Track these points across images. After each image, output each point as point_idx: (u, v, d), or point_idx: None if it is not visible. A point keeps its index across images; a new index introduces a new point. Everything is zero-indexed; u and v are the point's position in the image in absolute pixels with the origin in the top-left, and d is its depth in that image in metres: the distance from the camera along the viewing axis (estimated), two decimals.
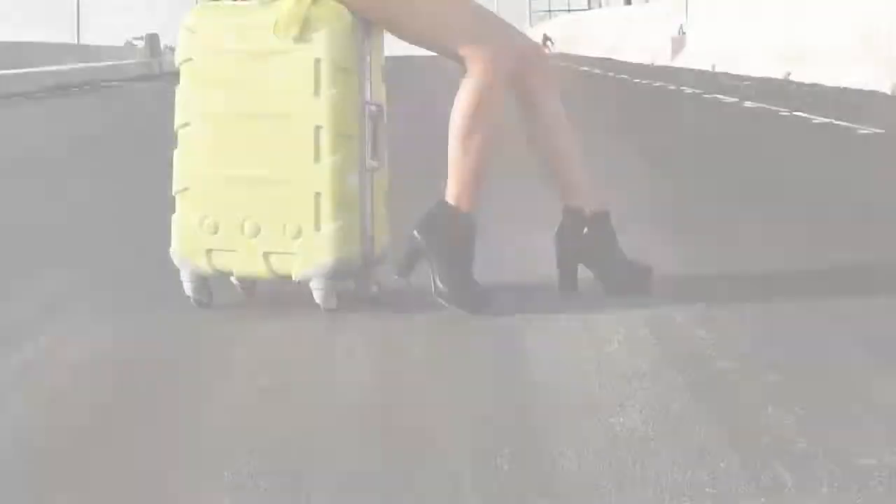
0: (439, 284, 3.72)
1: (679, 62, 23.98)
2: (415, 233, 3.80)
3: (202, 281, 3.85)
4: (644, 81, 18.71)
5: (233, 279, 3.92)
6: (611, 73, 22.72)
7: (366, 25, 3.82)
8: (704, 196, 6.09)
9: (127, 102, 17.60)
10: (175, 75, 3.90)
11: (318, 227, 3.68)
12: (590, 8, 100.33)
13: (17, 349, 3.42)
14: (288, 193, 3.70)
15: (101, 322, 3.73)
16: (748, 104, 12.67)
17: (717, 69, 20.53)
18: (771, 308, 3.68)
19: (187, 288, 3.85)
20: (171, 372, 3.19)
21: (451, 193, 3.77)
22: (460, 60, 3.80)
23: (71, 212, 6.03)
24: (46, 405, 2.91)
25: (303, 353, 3.33)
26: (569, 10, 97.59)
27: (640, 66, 25.76)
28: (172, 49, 38.33)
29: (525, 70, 3.86)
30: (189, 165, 3.81)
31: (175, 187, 3.83)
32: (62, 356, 3.35)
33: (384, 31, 3.91)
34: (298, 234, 3.69)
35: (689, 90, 15.73)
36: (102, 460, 2.50)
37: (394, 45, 4.09)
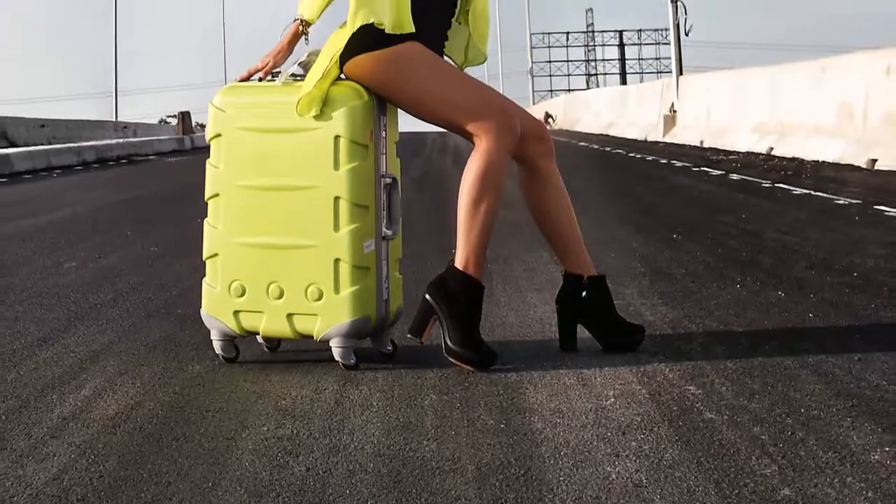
0: (449, 343, 3.74)
1: (670, 138, 24.01)
2: (427, 296, 3.82)
3: (230, 339, 3.87)
4: (638, 156, 18.74)
5: (258, 338, 3.94)
6: (607, 148, 22.75)
7: (381, 104, 3.85)
8: (692, 260, 6.09)
9: (160, 175, 17.64)
10: (205, 150, 3.92)
11: (337, 291, 3.70)
12: (588, 88, 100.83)
13: (59, 402, 3.44)
14: (310, 259, 3.71)
15: (136, 375, 3.73)
16: (734, 176, 12.68)
17: (706, 144, 20.56)
18: (754, 364, 3.68)
19: (216, 346, 3.87)
20: (201, 421, 3.18)
21: (460, 259, 3.78)
22: (468, 136, 3.82)
23: (107, 273, 6.05)
24: (84, 453, 2.92)
25: (322, 406, 3.32)
26: (568, 90, 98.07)
27: (634, 141, 25.80)
28: (203, 126, 38.48)
29: (528, 145, 3.88)
30: (218, 233, 3.83)
31: (205, 253, 3.85)
32: (99, 405, 3.36)
33: (398, 109, 3.94)
34: (319, 296, 3.71)
35: (679, 164, 15.75)
36: None
37: (407, 123, 4.10)
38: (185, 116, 38.04)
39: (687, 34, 26.23)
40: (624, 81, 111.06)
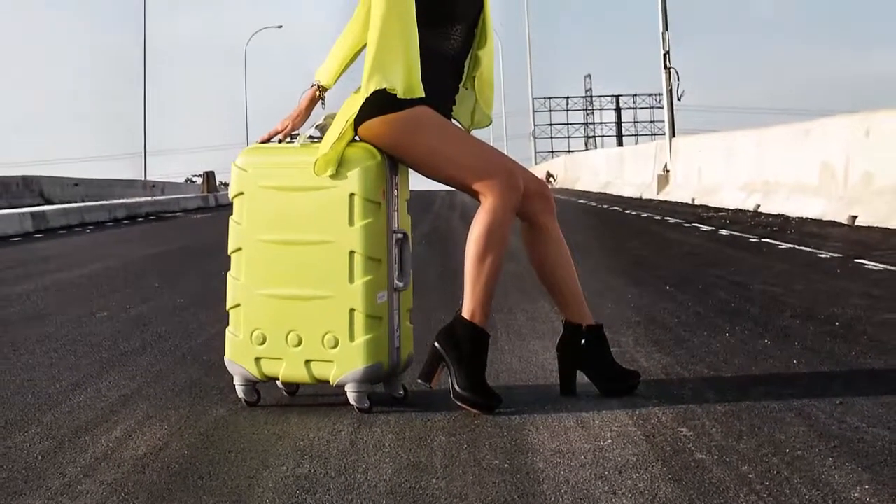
0: (457, 388, 3.74)
1: (664, 195, 24.03)
2: (436, 343, 3.83)
3: (252, 384, 3.88)
4: (633, 212, 18.75)
5: (278, 383, 3.95)
6: (605, 205, 22.76)
7: (393, 164, 3.87)
8: (684, 310, 6.09)
9: (186, 230, 17.67)
10: (228, 207, 3.94)
11: (352, 339, 3.70)
12: (587, 149, 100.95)
13: (92, 443, 3.44)
14: (326, 309, 3.72)
15: (164, 418, 3.74)
16: (723, 232, 12.68)
17: (697, 202, 20.57)
18: (742, 407, 3.68)
19: (239, 390, 3.88)
20: (224, 461, 3.19)
21: (467, 309, 3.79)
22: (475, 194, 3.84)
23: (137, 322, 6.05)
24: (115, 491, 2.93)
25: (338, 447, 3.33)
26: (569, 151, 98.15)
27: (630, 198, 25.82)
28: (226, 184, 38.55)
29: (531, 202, 3.90)
30: (241, 285, 3.84)
31: (229, 303, 3.87)
32: (130, 446, 3.37)
33: (409, 169, 3.96)
34: (335, 344, 3.72)
35: (672, 220, 15.75)
36: None
37: (417, 181, 4.12)
38: (209, 176, 38.15)
39: (679, 99, 26.31)
40: (620, 143, 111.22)
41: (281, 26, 78.82)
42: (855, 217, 12.90)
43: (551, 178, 48.20)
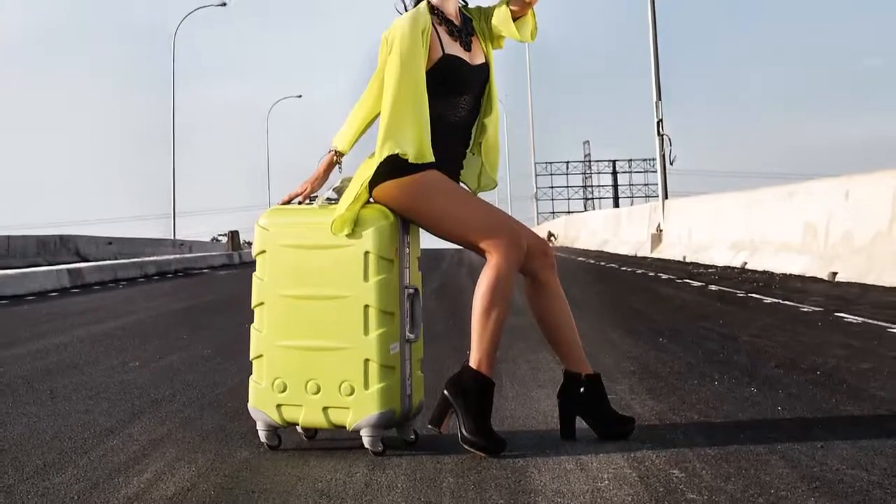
0: (464, 432, 3.74)
1: (657, 253, 24.02)
2: (445, 391, 3.84)
3: (273, 429, 3.88)
4: (629, 269, 18.74)
5: (298, 428, 3.95)
6: (602, 262, 22.76)
7: (405, 224, 3.89)
8: (676, 360, 6.08)
9: (213, 286, 17.68)
10: (252, 265, 3.96)
11: (367, 387, 3.71)
12: (585, 210, 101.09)
13: (125, 484, 3.45)
14: (343, 360, 3.73)
15: (191, 461, 3.74)
16: (712, 287, 12.67)
17: (688, 259, 20.57)
18: (730, 451, 3.68)
19: (261, 435, 3.89)
20: (248, 501, 3.19)
21: (474, 359, 3.80)
22: (481, 252, 3.86)
23: (166, 371, 6.05)
24: None
25: (354, 487, 3.33)
26: (568, 212, 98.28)
27: (626, 256, 25.82)
28: (249, 243, 38.55)
29: (533, 260, 3.91)
30: (263, 337, 3.85)
31: (252, 354, 3.88)
32: (160, 487, 3.37)
33: (419, 229, 3.98)
34: (351, 392, 3.72)
35: (664, 276, 15.74)
36: None
37: (427, 240, 4.15)
38: (234, 235, 38.20)
39: (672, 163, 26.35)
40: (617, 204, 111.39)
41: (300, 96, 79.32)
42: (835, 273, 12.89)
43: (552, 238, 48.20)
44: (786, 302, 10.13)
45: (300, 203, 3.96)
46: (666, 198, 25.99)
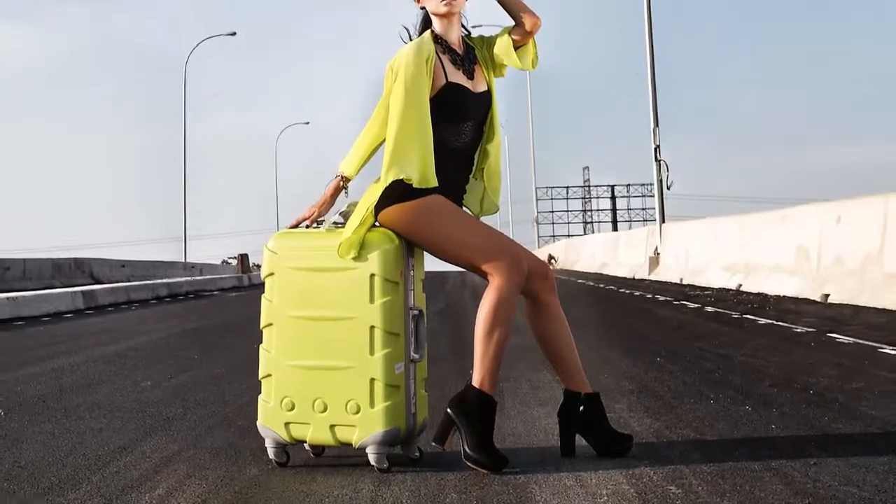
0: (467, 450, 3.75)
1: (654, 276, 24.01)
2: (448, 409, 3.84)
3: (281, 446, 3.89)
4: (627, 291, 18.73)
5: (306, 445, 3.95)
6: (601, 285, 22.75)
7: (409, 247, 3.90)
8: (673, 379, 6.08)
9: (223, 307, 17.68)
10: (261, 286, 3.97)
11: (372, 405, 3.72)
12: (585, 233, 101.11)
13: (137, 500, 3.45)
14: (349, 379, 3.74)
15: (202, 477, 3.74)
16: (708, 308, 12.66)
17: (685, 281, 20.55)
18: (726, 468, 3.67)
19: (270, 452, 3.89)
20: None
21: (476, 378, 3.81)
22: (483, 275, 3.87)
23: (178, 390, 6.06)
24: None
25: (360, 503, 3.33)
26: (568, 236, 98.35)
27: (624, 278, 25.80)
28: (259, 266, 38.52)
29: (534, 282, 3.92)
30: (272, 356, 3.86)
31: (261, 373, 3.88)
32: (171, 503, 3.38)
33: (423, 252, 3.99)
34: (357, 410, 3.73)
35: (662, 298, 15.74)
36: None
37: (431, 263, 4.15)
38: (243, 258, 38.21)
39: (669, 188, 26.38)
40: (615, 228, 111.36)
41: (308, 123, 79.39)
42: (827, 295, 12.88)
43: (553, 260, 48.17)
44: (779, 323, 10.12)
45: (308, 227, 3.98)
46: (663, 222, 26.00)
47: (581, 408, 3.95)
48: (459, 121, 3.96)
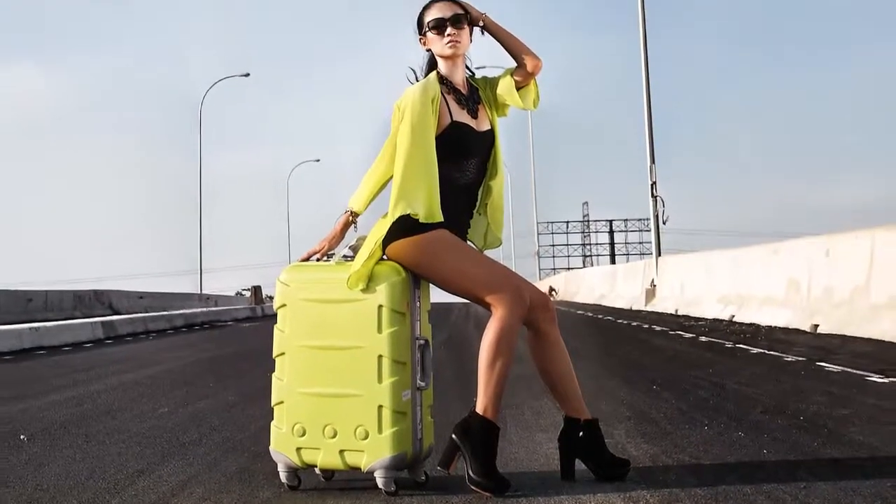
0: (471, 474, 3.74)
1: (651, 307, 23.98)
2: (453, 435, 3.84)
3: (293, 471, 3.89)
4: (624, 321, 18.71)
5: (316, 470, 3.95)
6: (599, 315, 22.72)
7: (416, 280, 3.91)
8: (669, 407, 6.07)
9: (237, 337, 17.67)
10: (273, 317, 3.98)
11: (380, 431, 3.72)
12: (584, 266, 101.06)
13: None
14: (358, 406, 3.74)
15: (217, 501, 3.73)
16: (703, 338, 12.64)
17: (680, 312, 20.52)
18: (719, 491, 3.67)
19: (282, 476, 3.89)
20: None
21: (480, 405, 3.80)
22: (487, 306, 3.87)
23: (193, 417, 6.06)
24: None
25: None
26: (568, 269, 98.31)
27: (622, 310, 25.77)
28: (271, 297, 38.47)
29: (535, 313, 3.92)
30: (284, 384, 3.86)
31: (273, 401, 3.89)
32: None
33: (429, 284, 4.00)
34: (366, 436, 3.73)
35: (658, 328, 15.71)
36: None
37: (437, 295, 4.16)
38: (257, 290, 38.23)
39: (664, 223, 26.40)
40: (613, 261, 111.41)
41: (318, 160, 79.48)
42: (817, 325, 12.87)
43: (553, 292, 48.14)
44: (771, 352, 10.11)
45: (318, 260, 3.99)
46: (659, 255, 26.00)
47: (581, 434, 3.94)
48: (463, 158, 3.98)
